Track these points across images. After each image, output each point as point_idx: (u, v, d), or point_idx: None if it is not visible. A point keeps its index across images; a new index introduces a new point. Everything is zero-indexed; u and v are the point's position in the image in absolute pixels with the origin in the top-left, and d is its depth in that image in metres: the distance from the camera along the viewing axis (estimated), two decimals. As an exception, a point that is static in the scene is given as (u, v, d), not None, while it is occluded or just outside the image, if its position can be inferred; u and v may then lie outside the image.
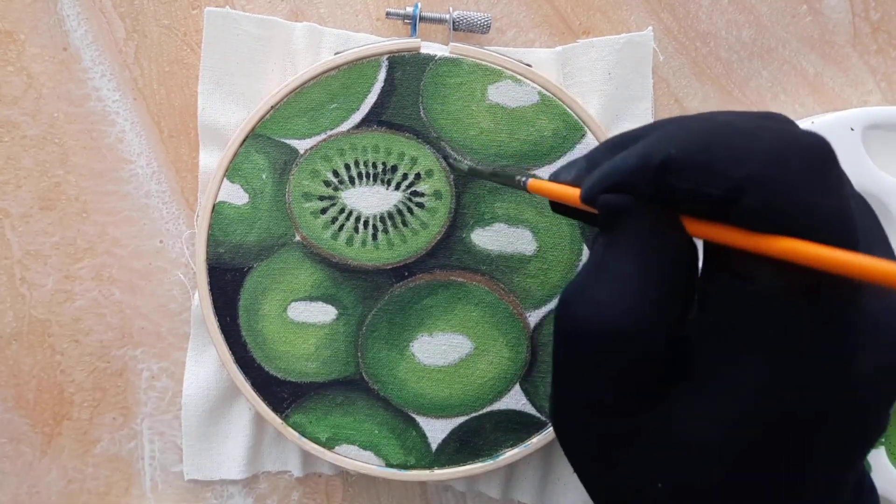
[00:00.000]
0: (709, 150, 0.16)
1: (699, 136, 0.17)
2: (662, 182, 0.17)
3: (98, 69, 0.31)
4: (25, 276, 0.32)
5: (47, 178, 0.32)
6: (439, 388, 0.30)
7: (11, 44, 0.31)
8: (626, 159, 0.17)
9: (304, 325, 0.30)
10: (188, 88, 0.31)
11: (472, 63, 0.29)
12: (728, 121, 0.17)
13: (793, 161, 0.16)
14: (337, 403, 0.30)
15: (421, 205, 0.30)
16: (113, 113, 0.31)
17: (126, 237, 0.32)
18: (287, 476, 0.33)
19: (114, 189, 0.32)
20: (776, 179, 0.16)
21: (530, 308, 0.30)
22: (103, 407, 0.32)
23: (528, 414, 0.30)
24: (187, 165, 0.32)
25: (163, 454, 0.33)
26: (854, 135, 0.29)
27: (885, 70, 0.32)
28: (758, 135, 0.16)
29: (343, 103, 0.29)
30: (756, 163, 0.16)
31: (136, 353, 0.32)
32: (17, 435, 0.32)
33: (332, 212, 0.30)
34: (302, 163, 0.30)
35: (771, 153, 0.16)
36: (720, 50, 0.31)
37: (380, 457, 0.30)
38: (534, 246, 0.30)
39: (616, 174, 0.18)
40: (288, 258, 0.30)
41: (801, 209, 0.15)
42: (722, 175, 0.16)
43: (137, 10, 0.31)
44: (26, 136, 0.31)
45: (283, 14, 0.31)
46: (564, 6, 0.31)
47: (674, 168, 0.16)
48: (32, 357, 0.32)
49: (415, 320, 0.30)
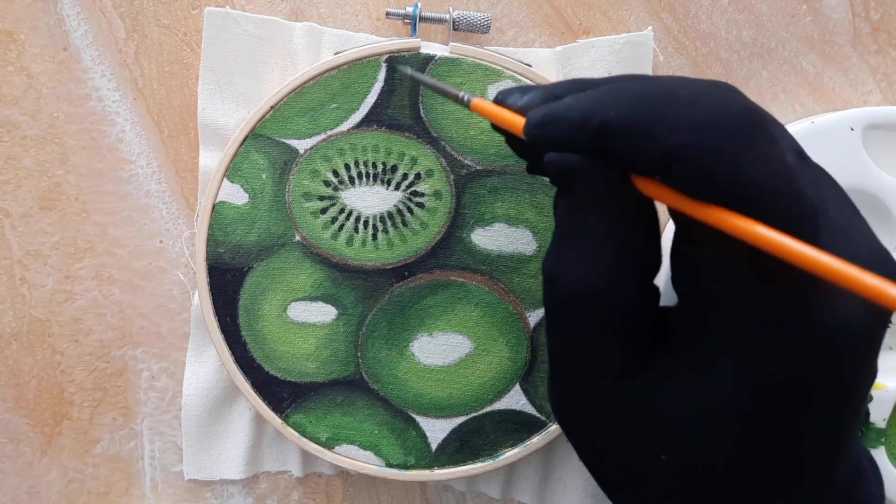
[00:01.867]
0: (645, 117, 0.16)
1: (639, 101, 0.17)
2: (601, 144, 0.17)
3: (98, 69, 0.31)
4: (25, 276, 0.32)
5: (47, 178, 0.32)
6: (439, 388, 0.30)
7: (11, 44, 0.31)
8: (570, 110, 0.18)
9: (304, 325, 0.30)
10: (188, 88, 0.32)
11: (472, 63, 0.29)
12: (670, 88, 0.17)
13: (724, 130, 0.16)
14: (337, 403, 0.30)
15: (421, 205, 0.30)
16: (113, 113, 0.32)
17: (126, 237, 0.32)
18: (287, 476, 0.33)
19: (114, 189, 0.32)
20: (707, 148, 0.16)
21: (530, 308, 0.30)
22: (103, 407, 0.33)
23: (529, 414, 0.30)
24: (187, 165, 0.32)
25: (163, 454, 0.33)
26: (854, 135, 0.29)
27: (885, 70, 0.32)
28: (695, 102, 0.17)
29: (343, 103, 0.29)
30: (688, 131, 0.16)
31: (136, 353, 0.32)
32: (17, 435, 0.33)
33: (332, 212, 0.30)
34: (302, 163, 0.30)
35: (703, 122, 0.16)
36: (720, 50, 0.32)
37: (380, 457, 0.30)
38: (534, 246, 0.30)
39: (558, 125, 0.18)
40: (288, 258, 0.30)
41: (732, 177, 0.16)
42: (656, 142, 0.16)
43: (137, 10, 0.31)
44: (26, 136, 0.31)
45: (283, 14, 0.31)
46: (564, 6, 0.31)
47: (611, 132, 0.17)
48: (32, 357, 0.32)
49: (415, 320, 0.30)
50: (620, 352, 0.18)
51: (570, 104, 0.18)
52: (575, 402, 0.20)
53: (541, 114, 0.18)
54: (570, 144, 0.18)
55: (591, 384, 0.19)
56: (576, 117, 0.17)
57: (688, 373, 0.18)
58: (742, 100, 0.17)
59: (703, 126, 0.16)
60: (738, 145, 0.16)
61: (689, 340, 0.18)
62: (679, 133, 0.16)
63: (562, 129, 0.18)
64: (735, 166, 0.16)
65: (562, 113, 0.18)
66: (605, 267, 0.18)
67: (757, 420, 0.17)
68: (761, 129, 0.16)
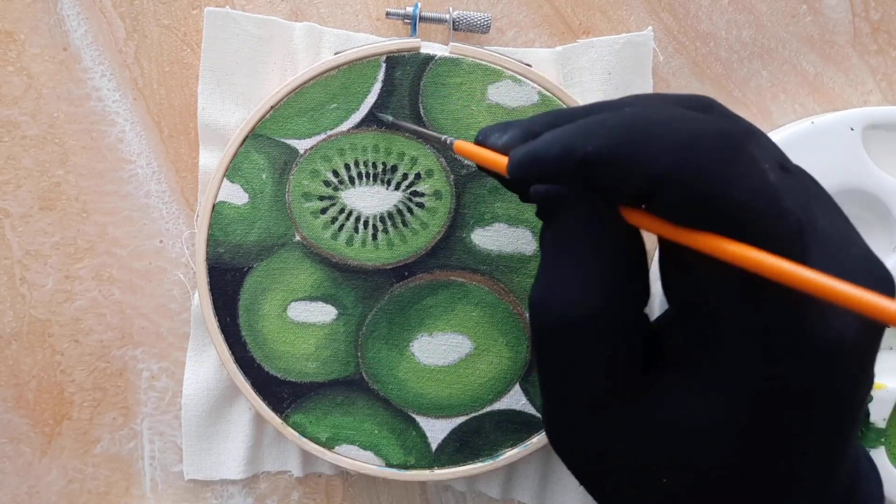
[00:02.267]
0: (623, 147, 0.17)
1: (616, 132, 0.17)
2: (584, 177, 0.17)
3: (98, 69, 0.31)
4: (25, 276, 0.32)
5: (47, 178, 0.32)
6: (439, 388, 0.30)
7: (11, 44, 0.31)
8: (551, 146, 0.18)
9: (304, 325, 0.30)
10: (188, 88, 0.32)
11: (473, 63, 0.29)
12: (645, 115, 0.17)
13: (702, 152, 0.16)
14: (337, 403, 0.30)
15: (421, 205, 0.30)
16: (113, 113, 0.32)
17: (126, 237, 0.32)
18: (287, 476, 0.33)
19: (114, 189, 0.32)
20: (687, 172, 0.16)
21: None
22: (103, 407, 0.33)
23: (528, 414, 0.30)
24: (187, 165, 0.32)
25: (163, 454, 0.33)
26: (854, 134, 0.29)
27: (884, 70, 0.32)
28: (670, 127, 0.17)
29: (343, 103, 0.29)
30: (667, 157, 0.16)
31: (136, 353, 0.32)
32: (17, 435, 0.33)
33: (332, 212, 0.30)
34: (302, 163, 0.30)
35: (680, 146, 0.16)
36: (720, 50, 0.32)
37: (380, 457, 0.30)
38: (534, 246, 0.30)
39: (540, 164, 0.18)
40: (288, 258, 0.30)
41: (714, 200, 0.16)
42: (638, 172, 0.16)
43: (137, 10, 0.31)
44: (26, 136, 0.32)
45: (283, 14, 0.31)
46: (564, 6, 0.31)
47: (592, 165, 0.17)
48: (32, 357, 0.32)
49: (415, 320, 0.30)
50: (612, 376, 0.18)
51: (550, 141, 0.18)
52: (568, 426, 0.20)
53: (521, 153, 0.19)
54: (553, 180, 0.18)
55: (583, 409, 0.19)
56: (556, 154, 0.17)
57: (683, 391, 0.18)
58: (718, 118, 0.17)
59: (681, 150, 0.16)
60: (718, 167, 0.16)
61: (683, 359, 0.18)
62: (657, 160, 0.16)
63: (543, 167, 0.18)
64: (716, 189, 0.16)
65: (542, 151, 0.18)
66: (594, 292, 0.18)
67: (755, 434, 0.17)
68: (740, 148, 0.16)
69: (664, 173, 0.16)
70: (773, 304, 0.16)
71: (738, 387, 0.17)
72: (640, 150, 0.16)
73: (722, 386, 0.17)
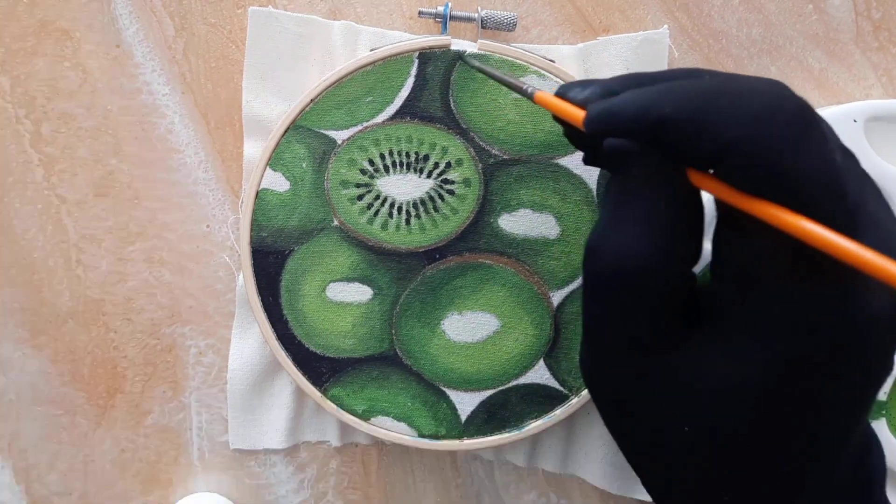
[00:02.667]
0: (700, 112, 0.17)
1: (694, 97, 0.17)
2: (656, 137, 0.18)
3: (149, 65, 0.33)
4: (81, 259, 0.34)
5: (101, 167, 0.33)
6: (468, 363, 0.32)
7: (68, 41, 0.33)
8: (628, 106, 0.18)
9: (341, 305, 0.32)
10: (233, 83, 0.33)
11: (499, 59, 0.31)
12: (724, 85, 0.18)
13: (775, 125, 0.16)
14: (372, 378, 0.32)
15: (451, 192, 0.31)
16: (163, 106, 0.33)
17: (175, 222, 0.34)
18: (326, 446, 0.34)
19: (163, 177, 0.34)
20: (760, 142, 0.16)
21: (554, 288, 0.32)
22: (154, 381, 0.34)
23: (552, 387, 0.32)
24: (232, 155, 0.34)
25: (209, 425, 0.34)
26: (857, 126, 0.30)
27: (885, 66, 0.33)
28: (749, 98, 0.17)
29: (378, 97, 0.31)
30: (742, 126, 0.16)
31: (185, 331, 0.34)
32: (73, 407, 0.34)
33: (368, 198, 0.31)
34: (340, 152, 0.31)
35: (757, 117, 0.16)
36: (731, 47, 0.33)
37: (413, 428, 0.32)
38: (557, 230, 0.31)
39: (616, 120, 0.18)
40: (326, 242, 0.31)
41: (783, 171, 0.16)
42: (709, 137, 0.17)
43: (186, 9, 0.33)
44: (82, 128, 0.33)
45: (322, 13, 0.33)
46: (585, 5, 0.33)
47: (667, 127, 0.17)
48: (87, 334, 0.34)
49: (445, 300, 0.32)
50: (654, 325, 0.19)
51: (628, 99, 0.18)
52: (605, 368, 0.21)
53: (600, 108, 0.19)
54: (626, 137, 0.19)
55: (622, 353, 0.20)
56: (633, 112, 0.18)
57: (717, 349, 0.18)
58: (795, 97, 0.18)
59: (757, 121, 0.16)
60: (791, 140, 0.16)
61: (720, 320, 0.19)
62: (732, 127, 0.16)
63: (619, 123, 0.18)
64: (787, 161, 0.16)
65: (620, 108, 0.18)
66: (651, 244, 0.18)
67: (781, 398, 0.18)
68: (813, 125, 0.17)
69: (735, 140, 0.16)
70: (822, 278, 0.17)
71: (773, 352, 0.17)
72: (714, 116, 0.17)
73: (757, 349, 0.18)
